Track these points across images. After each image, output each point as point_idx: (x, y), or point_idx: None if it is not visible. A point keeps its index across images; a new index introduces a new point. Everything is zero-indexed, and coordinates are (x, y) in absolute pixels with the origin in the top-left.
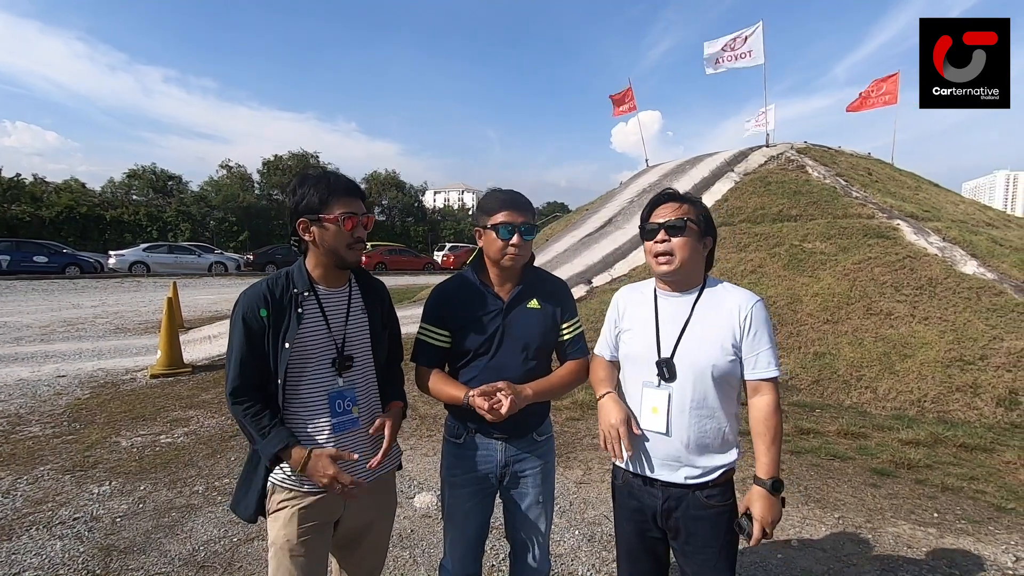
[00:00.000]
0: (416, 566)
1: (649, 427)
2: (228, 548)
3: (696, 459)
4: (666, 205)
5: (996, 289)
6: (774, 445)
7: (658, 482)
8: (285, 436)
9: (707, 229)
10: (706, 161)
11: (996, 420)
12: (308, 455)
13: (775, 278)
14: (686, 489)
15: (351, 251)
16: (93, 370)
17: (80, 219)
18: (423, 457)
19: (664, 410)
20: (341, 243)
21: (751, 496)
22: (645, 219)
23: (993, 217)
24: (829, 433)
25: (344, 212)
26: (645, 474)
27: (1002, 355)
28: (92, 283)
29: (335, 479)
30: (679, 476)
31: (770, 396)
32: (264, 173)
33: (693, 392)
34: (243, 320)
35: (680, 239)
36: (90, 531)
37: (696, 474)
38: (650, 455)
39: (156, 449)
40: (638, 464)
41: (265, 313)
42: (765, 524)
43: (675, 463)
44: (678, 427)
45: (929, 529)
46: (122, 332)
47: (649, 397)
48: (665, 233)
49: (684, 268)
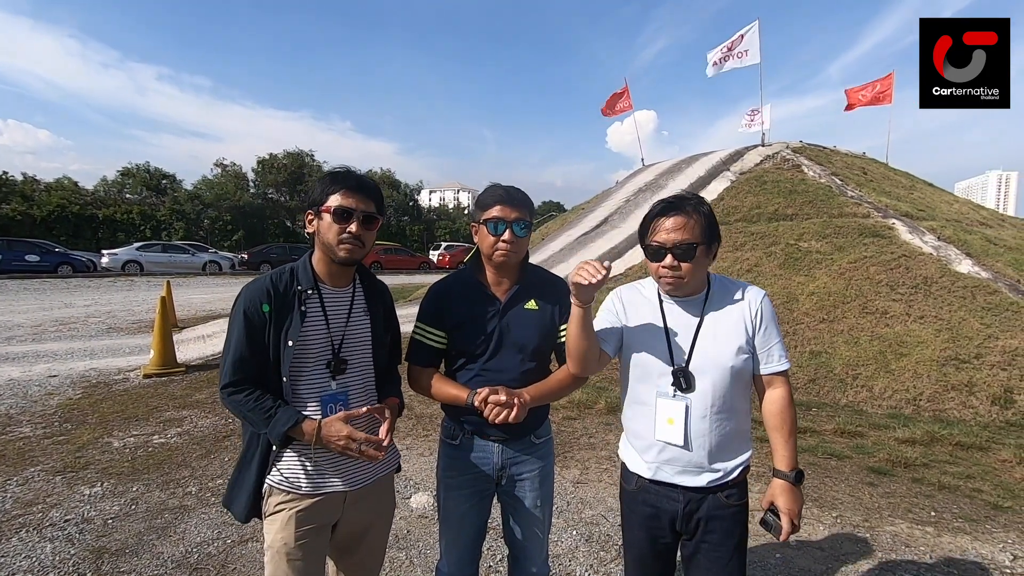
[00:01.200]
0: (412, 567)
1: (665, 438)
2: (222, 550)
3: (718, 463)
4: (671, 219)
5: (991, 288)
6: (792, 437)
7: (679, 487)
8: (292, 413)
9: (714, 236)
10: (702, 160)
11: (991, 418)
12: (319, 425)
13: (771, 277)
14: (707, 492)
15: (340, 246)
16: (85, 370)
17: (72, 218)
18: (419, 457)
19: (682, 422)
20: (332, 236)
21: (774, 491)
22: (646, 232)
23: (987, 216)
24: (826, 432)
25: (339, 205)
26: (666, 480)
27: (997, 354)
28: (85, 282)
29: (350, 438)
30: (702, 480)
31: (783, 389)
32: (259, 172)
33: (714, 397)
34: (244, 314)
35: (689, 264)
36: (81, 533)
37: (718, 477)
38: (670, 464)
39: (149, 450)
40: (659, 472)
41: (267, 308)
42: (793, 516)
43: (697, 469)
44: (698, 435)
45: (927, 528)
46: (115, 331)
47: (664, 408)
48: (673, 258)
49: (693, 284)
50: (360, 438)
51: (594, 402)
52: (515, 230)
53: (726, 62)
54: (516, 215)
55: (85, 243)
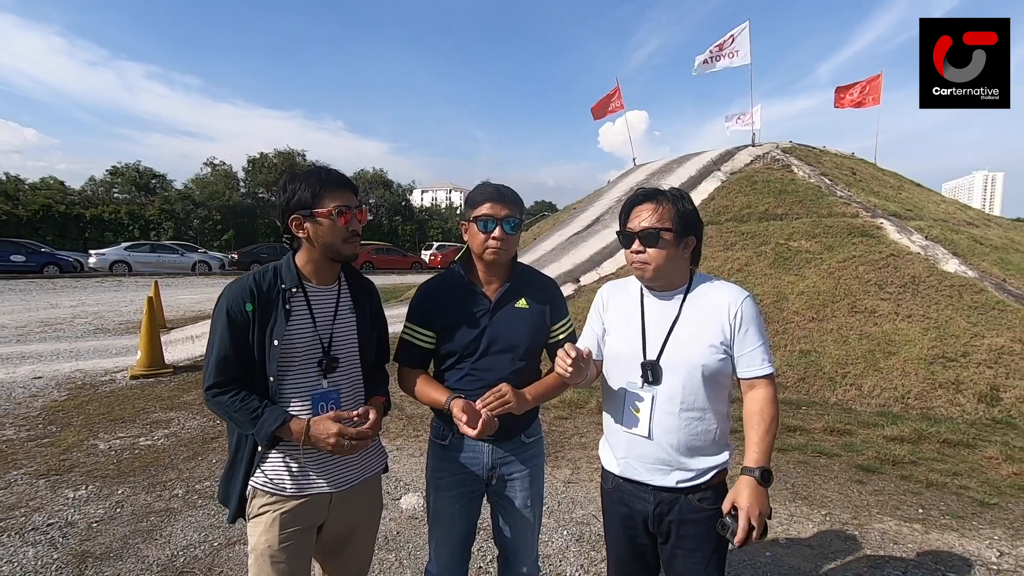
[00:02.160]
0: (402, 569)
1: (632, 429)
2: (208, 553)
3: (688, 462)
4: (643, 207)
5: (977, 287)
6: (768, 435)
7: (649, 486)
8: (280, 413)
9: (688, 228)
10: (693, 160)
11: (978, 416)
12: (308, 424)
13: (761, 276)
14: (678, 493)
15: (347, 245)
16: (71, 371)
17: (59, 217)
18: (409, 458)
19: (647, 413)
20: (337, 238)
21: (737, 488)
22: (623, 222)
23: (973, 216)
24: (815, 430)
25: (338, 206)
26: (636, 479)
27: (983, 352)
28: (71, 282)
29: (340, 435)
30: (671, 480)
31: (766, 390)
32: (250, 171)
33: (683, 394)
34: (227, 313)
35: (655, 249)
36: (64, 537)
37: (688, 477)
38: (637, 458)
39: (135, 452)
40: (628, 468)
41: (251, 307)
42: (752, 516)
43: (665, 467)
44: (664, 430)
45: (915, 525)
46: (102, 332)
47: (631, 399)
48: (640, 243)
49: (660, 275)
50: (350, 433)
51: (585, 401)
52: (505, 227)
53: (717, 61)
54: (506, 212)
55: (72, 243)
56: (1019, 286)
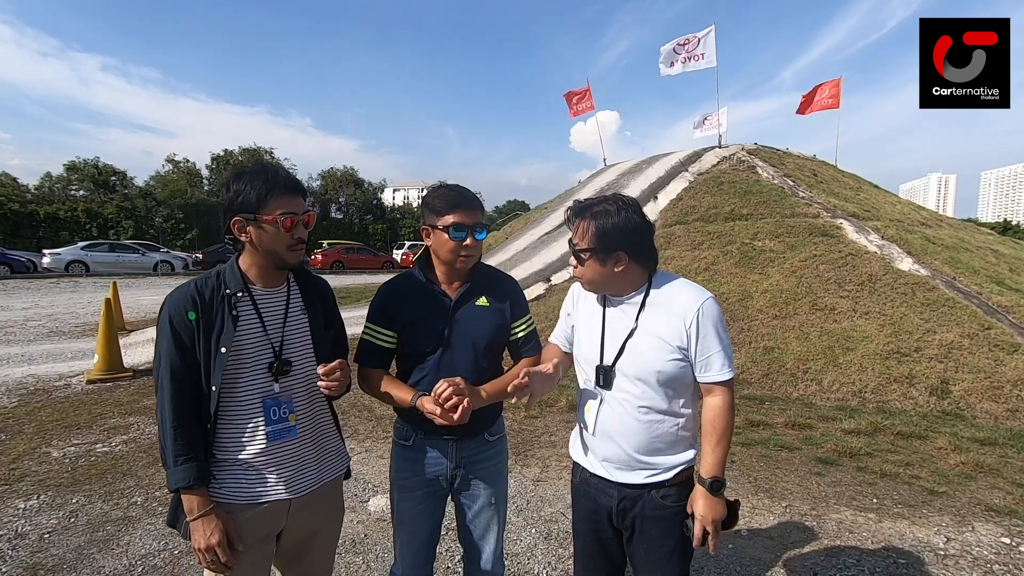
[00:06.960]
0: (370, 572)
1: (584, 426)
2: (168, 561)
3: (650, 460)
4: (574, 223)
5: (929, 285)
6: (719, 446)
7: (613, 482)
8: (193, 473)
9: (612, 245)
10: (662, 161)
11: (929, 408)
12: (206, 511)
13: (727, 275)
14: (642, 489)
15: (292, 252)
16: (22, 376)
17: (11, 215)
18: (378, 460)
19: (594, 413)
20: (281, 245)
21: (694, 495)
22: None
23: (927, 217)
24: (777, 425)
25: (284, 212)
26: (600, 474)
27: (935, 347)
28: (24, 284)
29: (213, 549)
30: (636, 477)
31: (721, 398)
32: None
33: (642, 398)
34: (170, 324)
35: (582, 267)
36: (14, 549)
37: (653, 473)
38: (601, 456)
39: (91, 459)
40: (593, 462)
41: (194, 316)
42: (705, 523)
43: (627, 466)
44: (625, 432)
45: (869, 514)
46: (56, 335)
47: (585, 398)
48: (574, 258)
49: (598, 287)
50: (222, 559)
51: (555, 400)
52: (477, 235)
53: (683, 64)
54: (475, 219)
55: (25, 242)
56: (968, 284)
